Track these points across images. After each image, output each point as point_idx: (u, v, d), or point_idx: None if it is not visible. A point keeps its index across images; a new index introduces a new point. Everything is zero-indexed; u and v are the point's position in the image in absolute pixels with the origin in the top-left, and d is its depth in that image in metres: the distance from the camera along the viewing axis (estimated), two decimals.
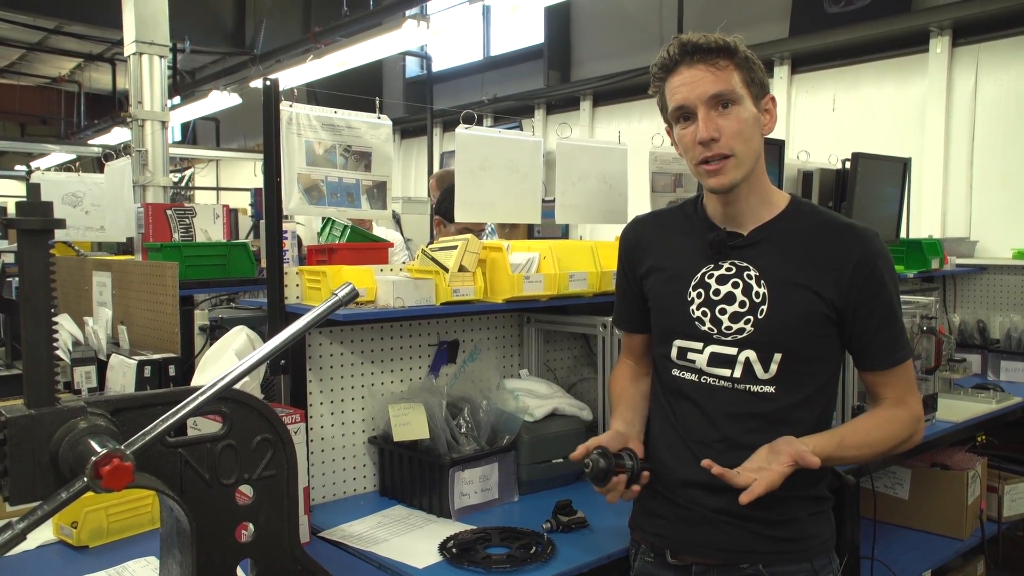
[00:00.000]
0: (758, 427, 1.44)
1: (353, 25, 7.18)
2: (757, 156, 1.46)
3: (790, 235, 1.47)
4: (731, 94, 1.40)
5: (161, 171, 4.34)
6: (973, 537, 2.93)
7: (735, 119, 1.41)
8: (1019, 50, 4.16)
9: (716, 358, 1.47)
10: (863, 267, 1.42)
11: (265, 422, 1.25)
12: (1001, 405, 2.99)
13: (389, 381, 2.17)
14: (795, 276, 1.43)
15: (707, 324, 1.48)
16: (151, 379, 2.44)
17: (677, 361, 1.53)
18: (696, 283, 1.51)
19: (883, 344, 1.45)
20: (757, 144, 1.46)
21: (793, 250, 1.45)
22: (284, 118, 1.92)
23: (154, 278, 2.66)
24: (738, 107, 1.41)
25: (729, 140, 1.41)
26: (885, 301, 1.43)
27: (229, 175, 12.67)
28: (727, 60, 1.41)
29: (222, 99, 8.55)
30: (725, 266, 1.49)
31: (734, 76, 1.41)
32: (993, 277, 3.87)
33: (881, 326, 1.44)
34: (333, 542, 1.76)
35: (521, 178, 2.46)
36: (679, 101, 1.43)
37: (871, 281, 1.42)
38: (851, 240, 1.44)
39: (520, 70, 7.78)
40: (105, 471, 0.96)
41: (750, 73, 1.43)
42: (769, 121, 1.49)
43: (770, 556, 1.45)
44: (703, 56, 1.41)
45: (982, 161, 4.27)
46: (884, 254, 1.45)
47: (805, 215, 1.50)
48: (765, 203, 1.50)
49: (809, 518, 1.47)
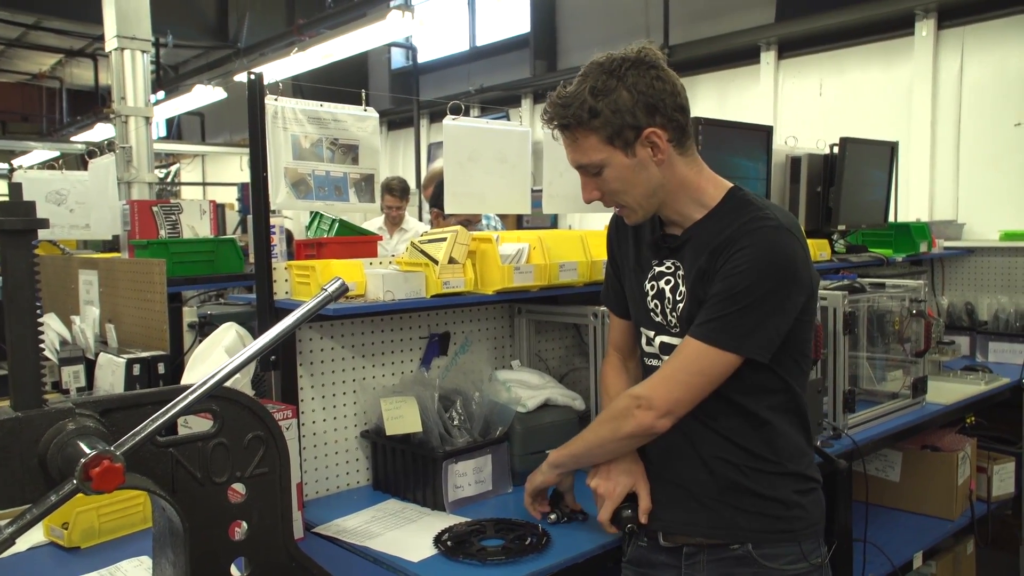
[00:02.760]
0: (716, 410, 1.47)
1: (337, 17, 7.13)
2: (654, 190, 1.45)
3: (709, 232, 1.46)
4: (592, 165, 1.43)
5: (146, 167, 4.30)
6: (963, 517, 2.95)
7: (608, 180, 1.44)
8: (1004, 32, 4.17)
9: (666, 347, 1.54)
10: (731, 244, 1.39)
11: (256, 419, 1.24)
12: (990, 386, 3.01)
13: (380, 375, 2.16)
14: (703, 272, 1.45)
15: (659, 315, 1.56)
16: (140, 377, 2.43)
17: (645, 348, 1.61)
18: (651, 276, 1.58)
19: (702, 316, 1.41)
20: (645, 184, 1.45)
21: (706, 247, 1.45)
22: (269, 112, 1.90)
23: (141, 275, 2.64)
24: (607, 168, 1.43)
25: (611, 196, 1.47)
26: (730, 277, 1.38)
27: (215, 170, 12.59)
28: (579, 130, 1.41)
29: (206, 93, 8.49)
30: (665, 264, 1.55)
31: (592, 142, 1.41)
32: (980, 259, 3.89)
33: (711, 299, 1.40)
34: (327, 537, 1.76)
35: (510, 168, 2.45)
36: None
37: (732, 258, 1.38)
38: (735, 228, 1.41)
39: (506, 60, 7.76)
40: (95, 473, 0.95)
41: (610, 128, 1.39)
42: (660, 151, 1.42)
43: (758, 535, 1.47)
44: (560, 129, 1.44)
45: (968, 143, 4.29)
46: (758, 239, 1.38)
47: (730, 210, 1.47)
48: (697, 204, 1.50)
49: (795, 496, 1.49)
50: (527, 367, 2.36)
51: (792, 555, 1.46)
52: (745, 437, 1.48)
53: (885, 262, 3.34)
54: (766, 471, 1.46)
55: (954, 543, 2.99)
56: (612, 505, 1.54)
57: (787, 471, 1.48)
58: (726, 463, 1.47)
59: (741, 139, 2.72)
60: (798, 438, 1.52)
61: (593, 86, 1.39)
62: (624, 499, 1.55)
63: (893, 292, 2.69)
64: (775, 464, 1.47)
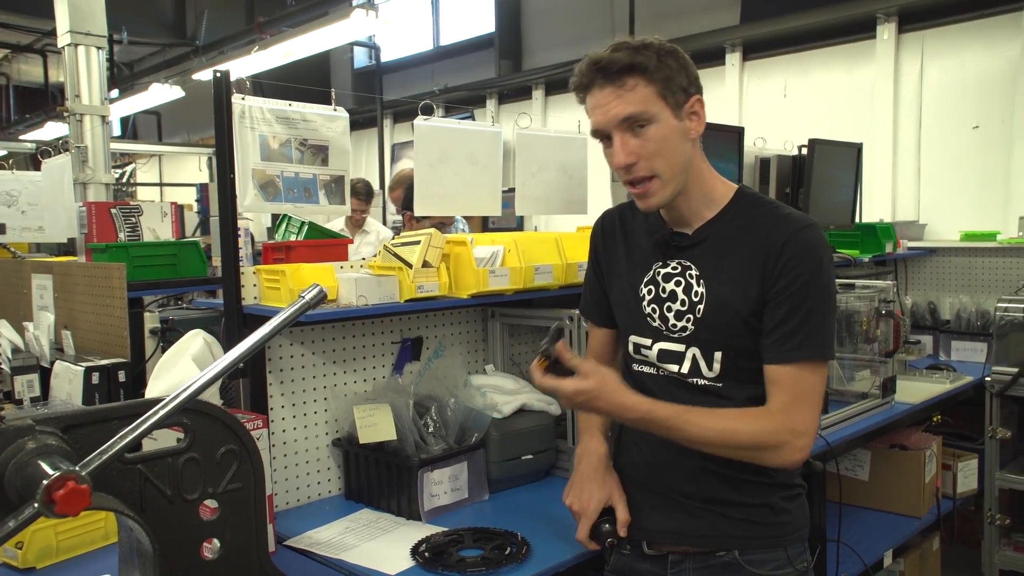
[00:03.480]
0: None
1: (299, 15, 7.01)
2: (685, 167, 1.41)
3: (729, 233, 1.44)
4: (642, 116, 1.35)
5: (102, 168, 4.16)
6: (930, 514, 2.99)
7: (651, 139, 1.36)
8: (962, 37, 4.25)
9: (665, 354, 1.48)
10: (779, 255, 1.37)
11: (229, 432, 1.19)
12: (955, 385, 3.05)
13: (352, 381, 2.11)
14: (729, 274, 1.41)
15: (657, 320, 1.49)
16: (99, 386, 2.33)
17: (634, 356, 1.55)
18: (648, 279, 1.51)
19: (780, 337, 1.36)
20: (683, 156, 1.40)
21: (729, 248, 1.42)
22: (236, 111, 1.84)
23: (100, 280, 2.55)
24: (653, 125, 1.36)
25: (648, 162, 1.37)
26: (794, 292, 1.35)
27: (173, 170, 12.33)
28: (636, 78, 1.35)
29: (164, 92, 8.28)
30: (672, 264, 1.49)
31: (645, 93, 1.35)
32: (942, 259, 3.95)
33: (786, 318, 1.35)
34: (300, 550, 1.70)
35: (481, 169, 2.42)
36: (594, 125, 1.41)
37: (786, 270, 1.36)
38: (775, 231, 1.39)
39: (471, 60, 7.71)
40: (59, 496, 0.89)
41: (666, 83, 1.36)
42: (696, 124, 1.41)
43: (745, 541, 1.45)
44: (610, 78, 1.35)
45: (929, 145, 4.36)
46: (806, 245, 1.37)
47: (744, 209, 1.46)
48: (707, 202, 1.47)
49: (782, 502, 1.47)
50: (501, 371, 2.33)
51: (778, 560, 1.45)
52: None
53: (853, 263, 3.37)
54: (754, 482, 1.44)
55: (921, 540, 3.03)
56: (589, 522, 1.50)
57: (775, 482, 1.46)
58: (714, 475, 1.45)
59: (713, 140, 2.71)
60: None
61: (652, 43, 1.36)
62: (601, 513, 1.51)
63: (863, 293, 2.71)
64: (764, 475, 1.44)
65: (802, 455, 1.37)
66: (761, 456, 1.38)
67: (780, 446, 1.35)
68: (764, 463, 1.39)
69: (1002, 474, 3.06)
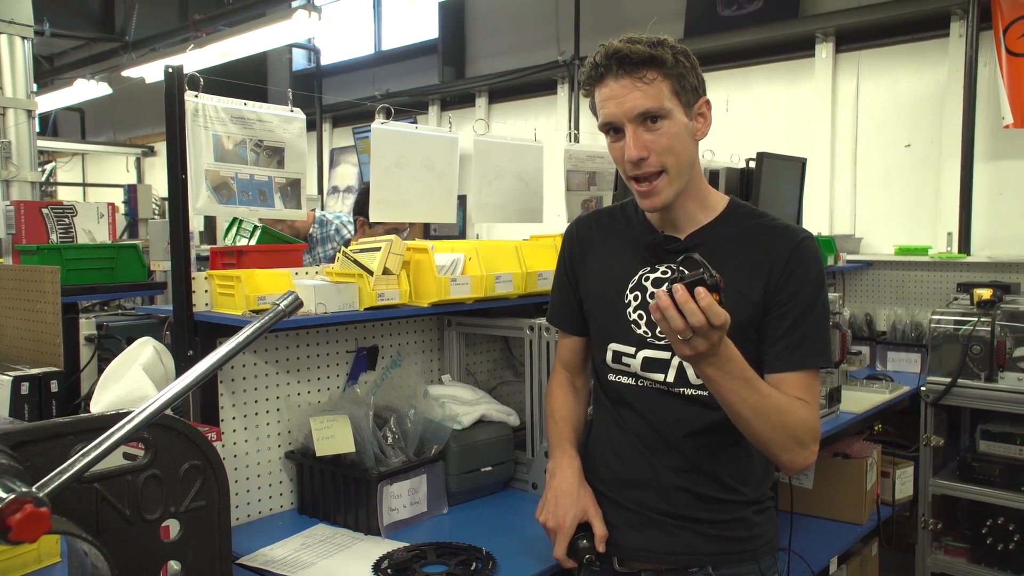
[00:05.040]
0: (695, 430, 1.43)
1: (236, 14, 6.82)
2: (690, 167, 1.41)
3: (724, 240, 1.44)
4: (659, 110, 1.34)
5: (28, 165, 3.95)
6: (871, 521, 3.07)
7: (664, 135, 1.36)
8: (895, 59, 4.40)
9: (649, 362, 1.45)
10: (785, 267, 1.38)
11: (193, 447, 1.12)
12: (894, 394, 3.15)
13: (305, 391, 2.03)
14: (726, 281, 1.39)
15: (642, 327, 1.46)
16: (30, 397, 2.21)
17: (612, 365, 1.50)
18: (633, 285, 1.48)
19: (788, 345, 1.37)
20: (690, 154, 1.41)
21: (726, 255, 1.41)
22: (190, 109, 1.76)
23: (30, 283, 2.41)
24: (667, 121, 1.36)
25: (659, 157, 1.37)
26: (800, 303, 1.37)
27: (97, 170, 11.82)
28: (655, 72, 1.34)
29: (89, 88, 7.96)
30: (661, 268, 1.46)
31: (663, 88, 1.35)
32: (878, 272, 4.09)
33: (792, 327, 1.37)
34: (254, 569, 1.62)
35: (437, 176, 2.37)
36: (606, 117, 1.39)
37: (791, 279, 1.38)
38: (779, 242, 1.41)
39: (413, 65, 7.63)
40: (15, 520, 0.81)
41: (680, 81, 1.36)
42: (703, 125, 1.43)
43: (718, 557, 1.44)
44: (628, 69, 1.34)
45: (864, 161, 4.50)
46: (809, 256, 1.40)
47: (741, 218, 1.47)
48: (702, 207, 1.47)
49: (755, 516, 1.47)
50: (458, 381, 2.29)
51: (751, 574, 1.45)
52: (718, 464, 1.44)
53: None
54: (727, 500, 1.43)
55: (862, 546, 3.11)
56: (565, 539, 1.46)
57: (747, 498, 1.45)
58: (688, 493, 1.43)
59: None
60: (768, 464, 1.50)
61: (667, 41, 1.36)
62: (576, 529, 1.47)
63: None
64: (736, 492, 1.44)
65: (813, 459, 1.38)
66: (791, 450, 1.33)
67: (805, 445, 1.34)
68: (784, 459, 1.34)
69: (935, 480, 3.16)
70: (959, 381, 3.10)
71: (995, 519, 3.15)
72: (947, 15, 4.14)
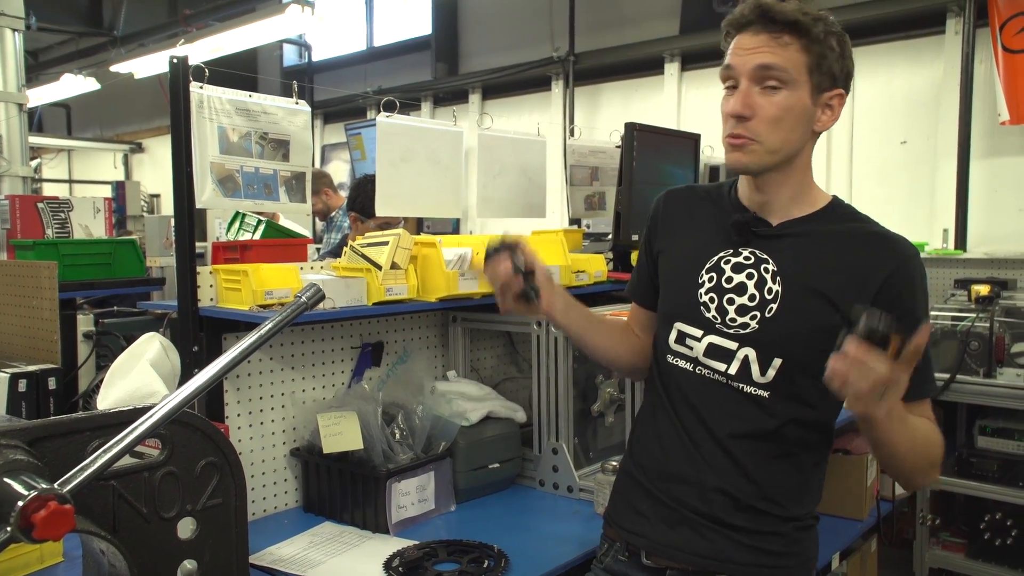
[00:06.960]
0: (746, 433, 1.35)
1: (226, 9, 6.77)
2: (794, 150, 1.32)
3: (819, 237, 1.34)
4: (782, 73, 1.26)
5: (19, 160, 3.90)
6: (871, 517, 3.06)
7: (776, 103, 1.27)
8: (891, 55, 4.42)
9: (714, 349, 1.36)
10: (893, 283, 1.28)
11: (210, 444, 1.10)
12: None
13: (311, 388, 2.01)
14: (814, 282, 1.31)
15: (712, 311, 1.37)
16: (27, 394, 2.17)
17: (674, 346, 1.41)
18: (711, 266, 1.39)
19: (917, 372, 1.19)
20: (797, 137, 1.31)
21: (819, 254, 1.32)
22: (195, 101, 1.73)
23: (26, 279, 2.37)
24: (786, 91, 1.27)
25: (760, 124, 1.28)
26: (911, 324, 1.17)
27: (84, 167, 11.70)
28: (795, 38, 1.26)
29: (77, 83, 7.87)
30: (744, 254, 1.37)
31: (797, 58, 1.27)
32: None
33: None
34: (263, 568, 1.60)
35: (443, 170, 2.35)
36: (728, 62, 1.32)
37: (900, 300, 1.27)
38: (883, 251, 1.30)
39: (405, 61, 7.59)
40: (39, 518, 0.79)
41: (819, 60, 1.28)
42: (827, 119, 1.33)
43: (748, 569, 1.35)
44: (768, 26, 1.27)
45: (861, 159, 4.51)
46: (919, 271, 1.30)
47: (840, 219, 1.37)
48: (799, 200, 1.37)
49: (795, 532, 1.38)
50: (464, 377, 2.27)
51: None
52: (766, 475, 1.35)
53: None
54: (766, 512, 1.35)
55: (862, 542, 3.11)
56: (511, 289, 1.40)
57: (789, 515, 1.36)
58: (728, 496, 1.35)
59: (672, 146, 2.72)
60: (820, 483, 1.43)
61: (826, 18, 1.29)
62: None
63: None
64: (781, 508, 1.35)
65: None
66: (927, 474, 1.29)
67: (937, 467, 1.29)
68: (918, 483, 1.33)
69: None
70: (957, 377, 3.10)
71: (993, 514, 3.16)
72: (943, 12, 4.15)
